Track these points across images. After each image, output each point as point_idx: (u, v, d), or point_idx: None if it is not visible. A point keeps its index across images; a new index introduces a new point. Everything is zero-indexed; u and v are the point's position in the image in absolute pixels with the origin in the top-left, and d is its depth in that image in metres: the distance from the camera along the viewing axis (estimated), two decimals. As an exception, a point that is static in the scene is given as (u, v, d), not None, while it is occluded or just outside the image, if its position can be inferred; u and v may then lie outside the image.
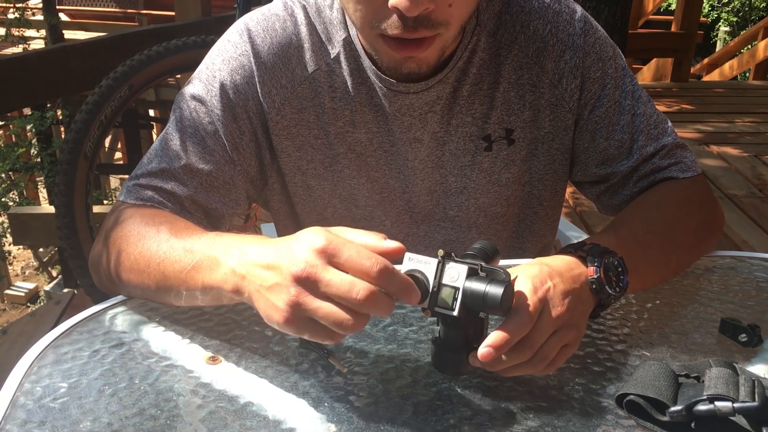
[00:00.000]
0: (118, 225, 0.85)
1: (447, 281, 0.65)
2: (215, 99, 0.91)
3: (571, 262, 0.74)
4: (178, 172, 0.90)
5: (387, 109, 0.93)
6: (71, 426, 0.63)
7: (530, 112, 0.96)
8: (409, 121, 0.94)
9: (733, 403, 0.61)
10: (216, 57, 0.94)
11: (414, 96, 0.91)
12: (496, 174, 0.99)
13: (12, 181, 4.91)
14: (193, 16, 3.94)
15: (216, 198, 0.92)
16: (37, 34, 6.17)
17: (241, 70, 0.92)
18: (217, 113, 0.91)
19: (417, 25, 0.77)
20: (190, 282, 0.73)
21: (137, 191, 0.90)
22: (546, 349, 0.68)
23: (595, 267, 0.74)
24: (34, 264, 7.34)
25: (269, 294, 0.62)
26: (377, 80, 0.91)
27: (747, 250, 2.77)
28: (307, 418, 0.65)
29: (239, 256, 0.67)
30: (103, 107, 2.37)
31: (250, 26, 0.93)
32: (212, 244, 0.72)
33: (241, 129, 0.92)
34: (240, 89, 0.92)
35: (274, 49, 0.92)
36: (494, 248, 0.71)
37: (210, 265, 0.70)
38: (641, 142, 0.97)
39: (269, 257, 0.63)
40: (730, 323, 0.79)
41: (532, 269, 0.71)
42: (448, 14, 0.78)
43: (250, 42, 0.92)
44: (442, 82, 0.91)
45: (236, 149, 0.92)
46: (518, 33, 0.94)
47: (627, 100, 0.97)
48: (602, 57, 0.96)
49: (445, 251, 0.66)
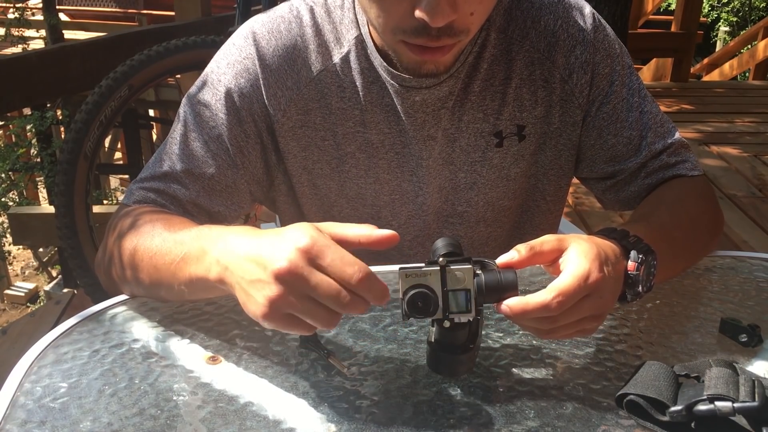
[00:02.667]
0: (118, 225, 0.87)
1: (454, 286, 0.65)
2: (220, 103, 0.92)
3: (617, 251, 0.73)
4: (180, 175, 0.91)
5: (399, 108, 0.93)
6: (71, 426, 0.63)
7: (542, 107, 0.96)
8: (423, 118, 0.93)
9: (733, 403, 0.61)
10: (221, 61, 0.94)
11: (426, 91, 0.91)
12: (506, 169, 0.99)
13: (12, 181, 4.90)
14: (193, 16, 3.94)
15: (219, 201, 0.93)
16: (37, 34, 6.16)
17: (245, 74, 0.92)
18: (221, 117, 0.91)
19: (440, 34, 0.77)
20: (179, 274, 0.74)
21: (140, 194, 0.91)
22: (561, 330, 0.68)
23: (638, 264, 0.73)
24: (34, 264, 7.34)
25: (250, 288, 0.63)
26: (389, 77, 0.91)
27: (747, 250, 2.77)
28: (307, 418, 0.65)
29: (224, 245, 0.68)
30: (103, 107, 2.37)
31: (255, 29, 0.93)
32: (201, 236, 0.73)
33: (246, 132, 0.93)
34: (245, 93, 0.92)
35: (279, 52, 0.92)
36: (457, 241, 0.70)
37: (197, 256, 0.71)
38: (650, 139, 0.98)
39: (253, 250, 0.64)
40: (730, 323, 0.79)
41: (588, 249, 0.69)
42: (470, 22, 0.78)
43: (254, 45, 0.92)
44: (453, 76, 0.91)
45: (241, 153, 0.93)
46: (529, 28, 0.94)
47: (634, 97, 0.98)
48: (611, 53, 0.96)
49: (446, 257, 0.66)
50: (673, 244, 0.85)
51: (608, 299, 0.69)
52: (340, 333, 0.78)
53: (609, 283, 0.69)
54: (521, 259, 0.69)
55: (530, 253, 0.69)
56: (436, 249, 0.69)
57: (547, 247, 0.70)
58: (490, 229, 1.04)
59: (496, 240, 1.05)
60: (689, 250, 0.91)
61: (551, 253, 0.70)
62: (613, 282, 0.69)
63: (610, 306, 0.70)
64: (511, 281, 0.66)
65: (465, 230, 1.03)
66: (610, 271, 0.69)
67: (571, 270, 0.67)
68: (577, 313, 0.67)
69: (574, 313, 0.67)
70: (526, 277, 0.89)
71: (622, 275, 0.72)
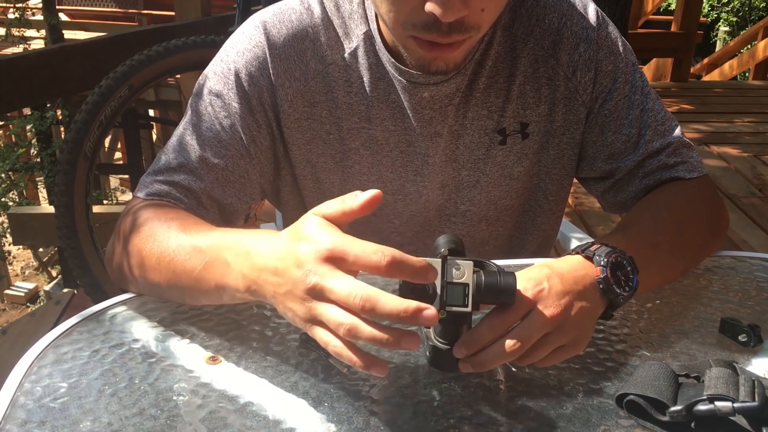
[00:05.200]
0: (131, 220, 0.86)
1: (454, 279, 0.65)
2: (232, 92, 0.91)
3: (576, 263, 0.74)
4: (194, 166, 0.90)
5: (405, 105, 0.93)
6: (71, 426, 0.63)
7: (546, 105, 0.96)
8: (430, 114, 0.93)
9: (733, 403, 0.61)
10: (231, 49, 0.94)
11: (434, 88, 0.91)
12: (509, 168, 0.99)
13: (12, 181, 4.90)
14: (193, 16, 3.93)
15: (231, 193, 0.93)
16: (37, 34, 6.16)
17: (255, 62, 0.92)
18: (234, 106, 0.91)
19: (451, 30, 0.77)
20: (203, 283, 0.74)
21: (154, 186, 0.90)
22: (535, 351, 0.68)
23: (602, 267, 0.73)
24: (34, 264, 7.34)
25: (285, 300, 0.63)
26: (397, 73, 0.91)
27: (747, 250, 2.77)
28: (307, 418, 0.65)
29: (246, 259, 0.68)
30: (103, 107, 2.37)
31: (266, 18, 0.93)
32: (220, 245, 0.73)
33: (258, 121, 0.93)
34: (255, 80, 0.92)
35: (289, 41, 0.92)
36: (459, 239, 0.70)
37: (221, 269, 0.71)
38: (648, 137, 0.98)
39: (275, 263, 0.64)
40: (730, 323, 0.79)
41: (531, 271, 0.71)
42: (481, 18, 0.78)
43: (265, 34, 0.92)
44: (460, 73, 0.91)
45: (253, 142, 0.93)
46: (533, 26, 0.94)
47: (636, 95, 0.98)
48: (614, 51, 0.96)
49: (447, 250, 0.66)
50: (658, 248, 0.85)
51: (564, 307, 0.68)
52: (340, 333, 0.78)
53: (552, 295, 0.68)
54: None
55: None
56: (438, 245, 0.69)
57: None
58: (492, 228, 1.04)
59: (498, 239, 1.05)
60: (680, 254, 0.90)
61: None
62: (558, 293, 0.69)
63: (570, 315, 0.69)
64: (510, 285, 0.65)
65: (467, 229, 1.03)
66: (555, 284, 0.69)
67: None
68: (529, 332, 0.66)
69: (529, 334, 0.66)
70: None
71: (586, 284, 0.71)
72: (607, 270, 0.73)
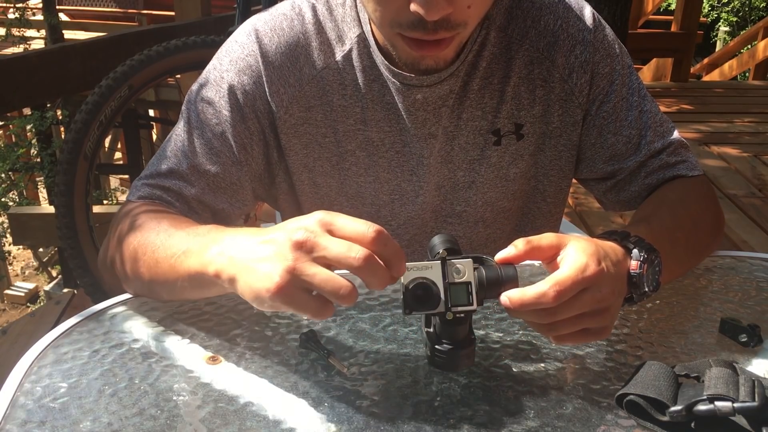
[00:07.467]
0: (121, 222, 0.87)
1: (455, 279, 0.65)
2: (223, 100, 0.92)
3: (618, 251, 0.73)
4: (185, 172, 0.91)
5: (400, 107, 0.93)
6: (71, 426, 0.63)
7: (540, 107, 0.96)
8: (424, 116, 0.93)
9: (733, 403, 0.61)
10: (224, 58, 0.94)
11: (428, 89, 0.91)
12: (504, 169, 0.99)
13: (12, 181, 4.90)
14: (193, 16, 3.94)
15: (223, 199, 0.93)
16: (37, 34, 6.16)
17: (248, 71, 0.92)
18: (225, 114, 0.92)
19: (437, 27, 0.77)
20: (178, 267, 0.74)
21: (145, 190, 0.91)
22: (563, 325, 0.68)
23: (640, 262, 0.72)
24: (34, 264, 7.33)
25: (262, 264, 0.62)
26: (390, 75, 0.91)
27: (747, 250, 2.77)
28: (307, 418, 0.65)
29: (231, 239, 0.69)
30: (103, 107, 2.37)
31: (258, 26, 0.93)
32: (208, 232, 0.74)
33: (250, 129, 0.93)
34: (248, 90, 0.92)
35: (281, 49, 0.92)
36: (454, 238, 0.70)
37: (199, 250, 0.71)
38: (649, 138, 0.98)
39: (263, 235, 0.65)
40: (730, 323, 0.79)
41: (587, 245, 0.69)
42: (467, 15, 0.78)
43: (257, 42, 0.92)
44: (453, 75, 0.91)
45: (244, 150, 0.93)
46: (529, 28, 0.94)
47: (634, 96, 0.98)
48: (611, 53, 0.97)
49: (444, 251, 0.66)
50: (676, 245, 0.85)
51: (607, 294, 0.68)
52: (340, 333, 0.78)
53: (608, 278, 0.68)
54: (519, 253, 0.69)
55: (528, 248, 0.69)
56: (434, 245, 0.69)
57: (546, 242, 0.70)
58: (489, 230, 1.04)
59: (496, 242, 1.05)
60: (692, 251, 0.91)
61: (549, 249, 0.70)
62: (612, 278, 0.69)
63: (610, 301, 0.69)
64: (511, 276, 0.66)
65: (463, 230, 1.03)
66: (609, 266, 0.69)
67: (568, 263, 0.67)
68: (576, 306, 0.66)
69: (573, 307, 0.66)
70: (526, 277, 0.89)
71: (624, 274, 0.72)
72: (644, 267, 0.72)
